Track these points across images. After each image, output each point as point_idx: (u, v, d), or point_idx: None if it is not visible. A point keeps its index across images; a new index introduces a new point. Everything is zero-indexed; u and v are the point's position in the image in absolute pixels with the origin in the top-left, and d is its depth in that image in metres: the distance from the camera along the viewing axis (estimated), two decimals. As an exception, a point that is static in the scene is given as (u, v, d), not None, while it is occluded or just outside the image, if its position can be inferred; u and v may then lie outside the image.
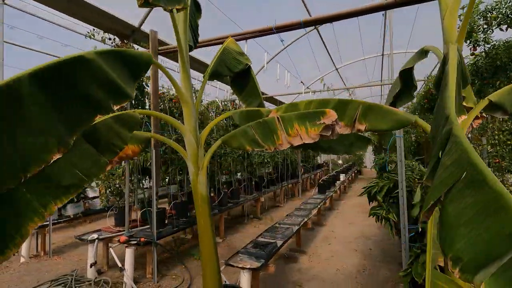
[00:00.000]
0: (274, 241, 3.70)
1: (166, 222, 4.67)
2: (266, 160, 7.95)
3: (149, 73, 4.22)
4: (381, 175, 7.33)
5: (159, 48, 4.12)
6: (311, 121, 1.87)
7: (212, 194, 6.43)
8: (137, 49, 4.49)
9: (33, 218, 1.70)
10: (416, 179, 2.71)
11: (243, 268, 3.03)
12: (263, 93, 9.68)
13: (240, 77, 2.77)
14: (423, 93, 6.64)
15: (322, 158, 19.42)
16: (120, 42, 4.44)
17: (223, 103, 8.14)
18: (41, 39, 8.10)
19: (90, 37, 4.27)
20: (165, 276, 4.26)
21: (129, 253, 3.91)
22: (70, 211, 5.60)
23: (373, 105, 2.01)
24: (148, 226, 4.55)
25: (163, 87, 6.32)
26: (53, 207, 1.78)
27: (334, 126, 1.78)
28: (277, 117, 1.99)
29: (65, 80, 1.34)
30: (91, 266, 4.06)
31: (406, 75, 2.44)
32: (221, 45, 2.88)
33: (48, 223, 5.12)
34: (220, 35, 3.55)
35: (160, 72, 5.30)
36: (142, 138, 2.16)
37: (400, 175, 2.60)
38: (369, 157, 20.98)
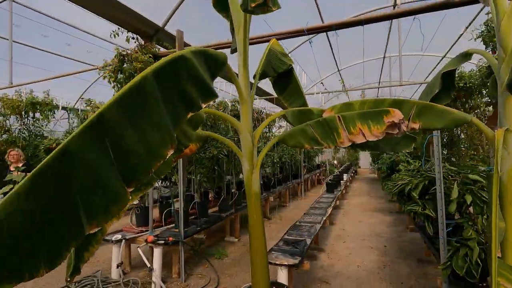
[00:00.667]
0: (303, 238, 3.78)
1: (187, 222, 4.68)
2: (275, 160, 8.02)
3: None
4: (388, 174, 7.51)
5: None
6: (374, 119, 1.96)
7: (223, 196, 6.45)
8: (159, 49, 4.49)
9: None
10: (450, 177, 2.83)
11: (281, 265, 3.09)
12: (269, 93, 9.77)
13: (283, 77, 2.84)
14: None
15: (319, 158, 19.64)
16: (144, 42, 4.44)
17: (231, 103, 8.18)
18: (45, 37, 7.96)
19: (114, 36, 4.25)
20: (191, 275, 4.26)
21: (157, 252, 3.90)
22: (84, 212, 5.51)
23: (427, 104, 2.11)
24: (171, 226, 4.55)
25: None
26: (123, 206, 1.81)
27: (400, 125, 1.87)
28: (338, 116, 2.06)
29: (172, 76, 1.39)
30: (117, 267, 4.03)
31: (447, 77, 2.55)
32: (252, 45, 2.95)
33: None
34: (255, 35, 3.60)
35: None
36: (201, 137, 2.19)
37: (438, 173, 2.71)
38: (363, 158, 21.38)
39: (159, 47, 4.71)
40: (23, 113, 7.80)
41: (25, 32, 7.32)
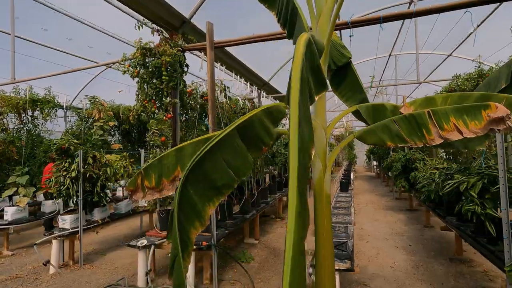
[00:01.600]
0: (344, 240, 3.62)
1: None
2: (284, 159, 7.87)
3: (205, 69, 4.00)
4: (401, 173, 7.46)
5: (216, 41, 3.91)
6: (471, 115, 1.82)
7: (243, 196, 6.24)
8: (182, 43, 4.23)
9: (194, 222, 1.55)
10: None
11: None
12: (278, 91, 9.59)
13: (341, 71, 2.67)
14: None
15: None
16: (169, 34, 4.18)
17: (243, 101, 7.97)
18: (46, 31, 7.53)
19: (139, 27, 3.98)
20: (222, 281, 4.05)
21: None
22: (97, 216, 5.20)
23: (517, 98, 1.98)
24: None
25: (192, 84, 6.06)
26: (208, 209, 1.62)
27: (506, 120, 1.73)
28: (428, 111, 1.91)
29: (249, 127, 1.68)
30: (146, 275, 3.77)
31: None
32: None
33: (78, 229, 4.72)
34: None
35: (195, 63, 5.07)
36: (278, 134, 1.99)
37: (501, 171, 2.62)
38: (359, 156, 21.55)
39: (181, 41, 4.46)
40: (21, 111, 7.34)
41: (25, 25, 6.86)
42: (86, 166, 4.84)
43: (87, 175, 4.82)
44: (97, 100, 7.32)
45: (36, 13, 6.99)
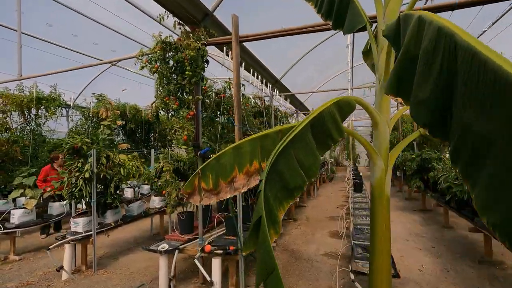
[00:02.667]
0: (378, 243, 3.47)
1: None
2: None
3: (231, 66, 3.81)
4: (416, 172, 7.33)
5: (241, 35, 3.72)
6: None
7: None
8: (205, 37, 4.03)
9: (270, 230, 1.36)
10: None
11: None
12: (288, 90, 9.39)
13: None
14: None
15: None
16: (190, 28, 3.98)
17: (254, 99, 7.80)
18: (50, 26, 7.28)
19: (161, 20, 3.78)
20: (248, 287, 3.86)
21: (216, 264, 3.48)
22: (110, 218, 4.97)
23: None
24: (221, 231, 4.13)
25: (206, 81, 5.87)
26: (280, 215, 1.44)
27: None
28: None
29: (320, 122, 1.52)
30: (170, 281, 3.57)
31: None
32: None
33: (91, 232, 4.50)
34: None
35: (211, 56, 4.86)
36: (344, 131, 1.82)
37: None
38: (363, 156, 21.47)
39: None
40: (25, 110, 7.06)
41: (29, 19, 6.60)
42: (98, 167, 4.62)
43: (101, 175, 4.60)
44: (104, 98, 7.09)
45: (41, 8, 6.75)
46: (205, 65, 4.15)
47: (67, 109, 9.49)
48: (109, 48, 8.41)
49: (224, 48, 4.17)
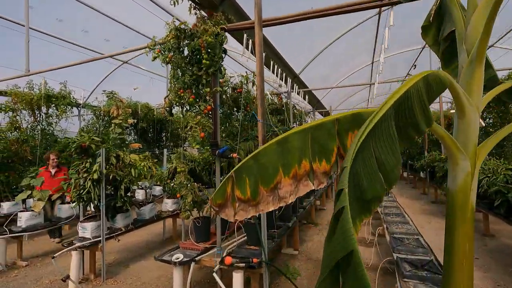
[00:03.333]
0: (427, 258, 2.96)
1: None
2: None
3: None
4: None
5: (264, 19, 3.29)
6: None
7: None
8: (224, 22, 3.61)
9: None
10: None
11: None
12: (306, 86, 8.86)
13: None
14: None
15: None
16: (207, 13, 3.58)
17: (271, 96, 7.36)
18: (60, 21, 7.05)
19: (174, 3, 3.39)
20: (272, 303, 3.42)
21: (238, 278, 3.05)
22: (120, 222, 4.62)
23: None
24: (241, 238, 3.71)
25: (225, 72, 5.47)
26: (357, 227, 0.98)
27: None
28: None
29: (405, 106, 1.09)
30: (185, 297, 3.17)
31: None
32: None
33: (100, 238, 4.16)
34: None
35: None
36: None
37: None
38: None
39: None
40: (35, 108, 6.84)
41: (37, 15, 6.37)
42: (108, 167, 4.27)
43: (110, 177, 4.25)
44: (115, 95, 6.80)
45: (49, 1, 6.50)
46: (223, 55, 3.74)
47: (79, 108, 9.31)
48: (120, 45, 8.16)
49: (245, 36, 3.75)
